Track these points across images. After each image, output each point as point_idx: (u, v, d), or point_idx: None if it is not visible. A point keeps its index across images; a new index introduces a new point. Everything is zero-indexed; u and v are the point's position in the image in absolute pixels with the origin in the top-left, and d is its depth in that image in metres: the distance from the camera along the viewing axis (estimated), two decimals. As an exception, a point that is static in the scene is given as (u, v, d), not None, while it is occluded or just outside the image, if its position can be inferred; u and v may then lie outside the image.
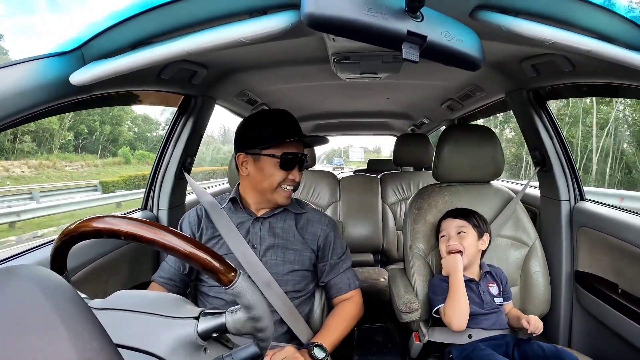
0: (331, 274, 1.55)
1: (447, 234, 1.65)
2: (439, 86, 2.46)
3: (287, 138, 1.41)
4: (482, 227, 1.64)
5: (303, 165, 1.49)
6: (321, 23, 0.72)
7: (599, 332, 1.67)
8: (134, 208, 2.02)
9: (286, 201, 1.49)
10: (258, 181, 1.47)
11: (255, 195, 1.52)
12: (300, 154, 1.46)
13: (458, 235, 1.61)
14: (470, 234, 1.61)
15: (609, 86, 1.54)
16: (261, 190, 1.48)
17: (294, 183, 1.48)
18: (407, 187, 3.34)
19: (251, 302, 0.76)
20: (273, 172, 1.43)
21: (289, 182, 1.46)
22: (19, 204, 13.60)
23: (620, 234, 1.55)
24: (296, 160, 1.45)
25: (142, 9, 0.93)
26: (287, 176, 1.45)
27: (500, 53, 1.58)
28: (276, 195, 1.47)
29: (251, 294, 0.77)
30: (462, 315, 1.47)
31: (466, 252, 1.57)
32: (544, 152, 1.89)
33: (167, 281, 1.48)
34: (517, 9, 0.96)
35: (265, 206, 1.53)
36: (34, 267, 0.54)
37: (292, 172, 1.45)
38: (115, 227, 0.73)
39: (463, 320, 1.47)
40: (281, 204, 1.50)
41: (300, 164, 1.48)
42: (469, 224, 1.63)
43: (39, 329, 0.44)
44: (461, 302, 1.49)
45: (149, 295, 0.89)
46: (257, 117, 1.50)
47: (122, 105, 2.04)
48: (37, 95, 0.95)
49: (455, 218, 1.67)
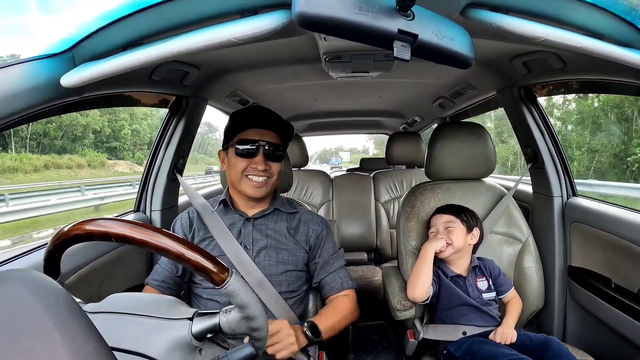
0: (322, 273, 1.54)
1: (436, 229, 1.66)
2: (431, 84, 2.47)
3: (242, 127, 1.45)
4: (471, 222, 1.65)
5: (272, 154, 1.47)
6: (312, 22, 0.72)
7: (592, 326, 1.68)
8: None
9: (254, 192, 1.46)
10: (229, 174, 1.49)
11: (234, 191, 1.54)
12: (264, 142, 1.45)
13: (446, 230, 1.62)
14: (458, 228, 1.62)
15: (599, 83, 1.55)
16: (231, 183, 1.50)
17: (261, 173, 1.45)
18: (399, 185, 3.35)
19: (244, 301, 0.76)
20: (234, 161, 1.46)
21: (253, 171, 1.45)
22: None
23: (612, 229, 1.56)
24: (257, 147, 1.44)
25: (133, 10, 0.93)
26: (249, 164, 1.44)
27: (492, 51, 1.58)
28: (243, 186, 1.46)
29: (244, 293, 0.76)
30: (418, 283, 1.54)
31: (454, 244, 1.59)
32: (535, 149, 1.90)
33: (160, 284, 1.47)
34: (507, 7, 0.97)
35: (254, 205, 1.53)
36: (27, 271, 0.54)
37: (254, 160, 1.44)
38: (107, 230, 0.73)
39: (417, 290, 1.54)
40: (250, 195, 1.47)
41: (269, 153, 1.46)
42: (457, 218, 1.64)
43: (32, 334, 0.44)
44: (419, 272, 1.55)
45: (143, 298, 0.89)
46: (234, 114, 1.53)
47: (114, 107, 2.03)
48: (28, 98, 0.94)
49: (443, 214, 1.68)
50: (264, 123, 1.47)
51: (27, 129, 34.95)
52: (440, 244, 1.58)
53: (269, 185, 1.49)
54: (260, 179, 1.46)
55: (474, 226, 1.65)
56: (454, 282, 1.58)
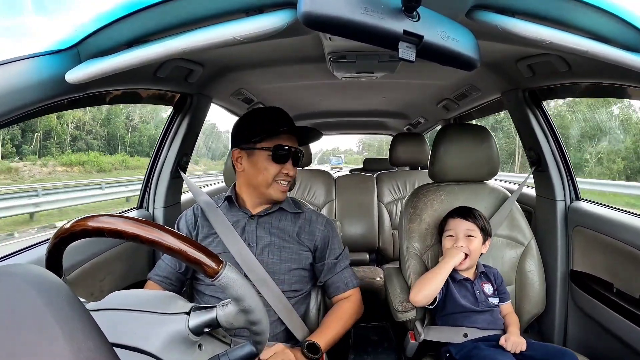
0: (329, 274, 1.55)
1: (455, 234, 1.63)
2: (435, 86, 2.47)
3: (280, 128, 1.43)
4: (488, 230, 1.65)
5: (298, 160, 1.50)
6: (318, 22, 0.72)
7: (594, 331, 1.67)
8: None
9: (282, 196, 1.49)
10: (252, 176, 1.47)
11: (250, 191, 1.52)
12: (294, 148, 1.47)
13: (467, 238, 1.61)
14: (478, 238, 1.60)
15: (604, 86, 1.55)
16: (256, 185, 1.48)
17: (289, 178, 1.48)
18: (402, 187, 3.35)
19: (239, 293, 0.75)
20: (266, 165, 1.44)
21: (283, 177, 1.46)
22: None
23: (615, 234, 1.55)
24: (289, 153, 1.45)
25: (138, 7, 0.93)
26: (281, 170, 1.45)
27: (497, 53, 1.58)
28: (271, 190, 1.47)
29: (239, 285, 0.76)
30: (425, 290, 1.52)
31: (471, 256, 1.57)
32: (539, 152, 1.90)
33: (163, 279, 1.47)
34: (513, 9, 0.96)
35: (261, 204, 1.53)
36: (29, 267, 0.54)
37: (286, 166, 1.45)
38: (101, 225, 0.73)
39: (422, 295, 1.53)
40: (276, 199, 1.49)
41: (295, 159, 1.48)
42: (478, 227, 1.62)
43: (34, 329, 0.44)
44: (431, 281, 1.53)
45: (141, 294, 0.89)
46: (252, 113, 1.52)
47: (118, 103, 2.03)
48: (32, 93, 0.95)
49: (465, 219, 1.64)
50: (293, 129, 1.48)
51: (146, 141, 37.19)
52: (459, 258, 1.56)
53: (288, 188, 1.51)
54: (287, 184, 1.49)
55: (489, 236, 1.65)
56: (462, 285, 1.58)
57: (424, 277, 1.56)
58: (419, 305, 1.57)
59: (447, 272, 1.53)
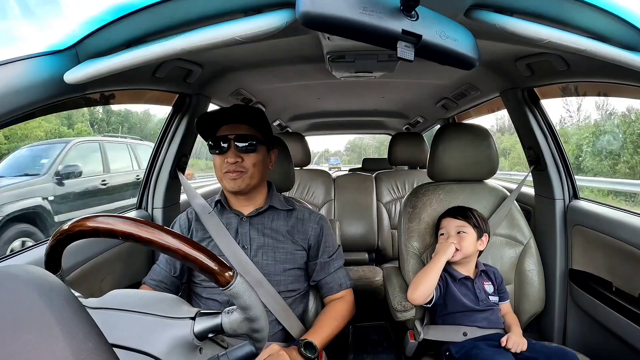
0: (322, 274, 1.54)
1: (447, 232, 1.64)
2: (434, 85, 2.47)
3: (216, 127, 1.47)
4: (483, 227, 1.64)
5: (242, 146, 1.44)
6: (316, 22, 0.72)
7: (593, 330, 1.68)
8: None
9: (231, 185, 1.45)
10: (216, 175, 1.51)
11: (225, 190, 1.54)
12: (230, 135, 1.43)
13: (458, 235, 1.61)
14: (470, 234, 1.61)
15: (603, 85, 1.55)
16: (219, 183, 1.51)
17: (233, 166, 1.43)
18: (401, 186, 3.35)
19: (248, 303, 0.76)
20: (214, 161, 1.47)
21: (227, 166, 1.43)
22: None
23: (614, 233, 1.56)
24: (224, 142, 1.44)
25: (137, 8, 0.93)
26: (224, 160, 1.44)
27: (495, 52, 1.58)
28: (225, 183, 1.47)
29: (248, 295, 0.76)
30: (421, 287, 1.53)
31: (462, 251, 1.57)
32: (538, 151, 1.90)
33: (157, 283, 1.47)
34: (512, 9, 0.97)
35: (246, 204, 1.53)
36: (29, 267, 0.54)
37: (226, 155, 1.43)
38: (113, 227, 0.72)
39: (419, 292, 1.53)
40: (228, 189, 1.47)
41: (241, 146, 1.44)
42: (469, 224, 1.62)
43: (33, 329, 0.44)
44: (426, 277, 1.53)
45: (145, 295, 0.88)
46: (199, 118, 1.54)
47: (117, 104, 2.02)
48: (31, 94, 0.95)
49: (455, 218, 1.66)
50: (232, 117, 1.46)
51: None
52: (451, 251, 1.56)
53: (245, 178, 1.45)
54: (234, 174, 1.44)
55: (485, 232, 1.65)
56: (463, 284, 1.58)
57: (419, 274, 1.57)
58: (417, 303, 1.57)
59: (441, 267, 1.54)
